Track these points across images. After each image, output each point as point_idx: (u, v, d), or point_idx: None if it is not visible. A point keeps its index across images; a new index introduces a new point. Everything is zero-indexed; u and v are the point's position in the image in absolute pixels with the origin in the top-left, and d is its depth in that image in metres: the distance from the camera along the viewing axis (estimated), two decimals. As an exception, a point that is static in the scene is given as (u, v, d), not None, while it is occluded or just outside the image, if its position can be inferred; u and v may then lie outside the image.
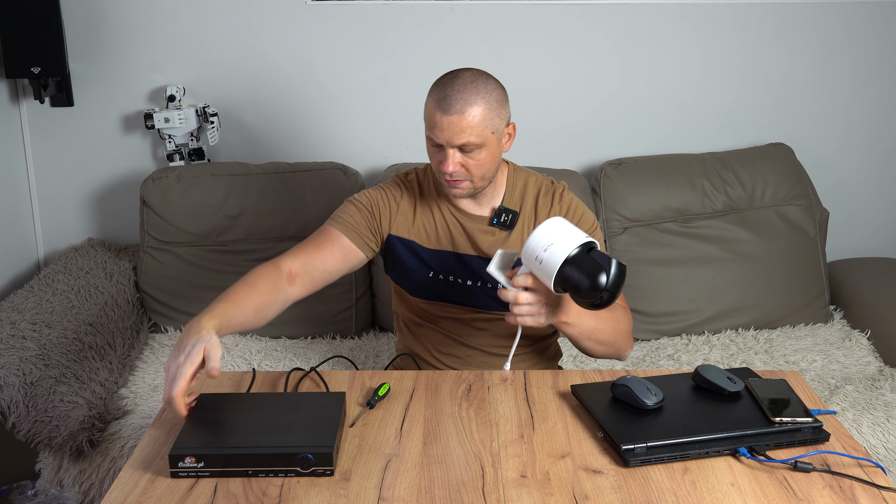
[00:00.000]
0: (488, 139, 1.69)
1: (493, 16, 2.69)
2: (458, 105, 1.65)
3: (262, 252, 2.56)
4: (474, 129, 1.66)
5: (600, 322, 1.70)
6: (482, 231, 1.83)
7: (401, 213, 1.84)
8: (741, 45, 2.76)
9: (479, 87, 1.68)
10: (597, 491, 1.27)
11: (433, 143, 1.71)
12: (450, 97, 1.66)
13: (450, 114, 1.65)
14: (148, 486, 1.29)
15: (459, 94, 1.66)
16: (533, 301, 1.56)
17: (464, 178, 1.72)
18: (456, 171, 1.70)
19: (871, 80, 2.82)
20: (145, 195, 2.55)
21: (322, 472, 1.30)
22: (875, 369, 2.40)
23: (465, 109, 1.65)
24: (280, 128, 2.78)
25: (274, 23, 2.68)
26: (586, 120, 2.80)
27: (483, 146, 1.69)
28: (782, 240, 2.63)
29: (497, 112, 1.70)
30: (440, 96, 1.67)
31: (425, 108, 1.72)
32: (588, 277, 1.44)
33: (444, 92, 1.68)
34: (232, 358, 2.40)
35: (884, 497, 1.26)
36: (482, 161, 1.71)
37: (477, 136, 1.67)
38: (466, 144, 1.67)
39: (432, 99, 1.69)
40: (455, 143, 1.67)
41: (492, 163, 1.73)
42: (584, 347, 1.74)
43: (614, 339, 1.75)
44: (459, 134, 1.66)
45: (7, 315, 2.23)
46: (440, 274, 1.85)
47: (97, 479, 2.01)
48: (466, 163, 1.70)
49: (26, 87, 2.68)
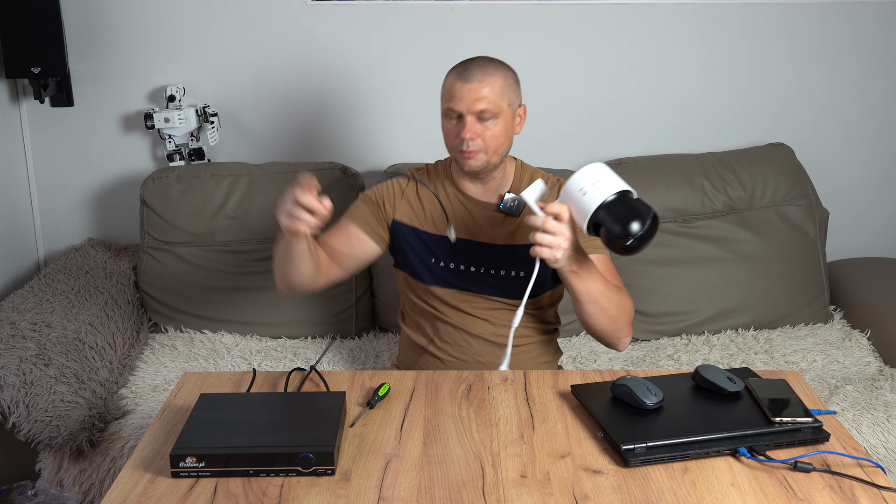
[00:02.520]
0: (504, 111, 1.79)
1: (493, 16, 2.69)
2: (479, 74, 1.78)
3: (262, 252, 2.56)
4: (493, 97, 1.77)
5: (607, 289, 1.72)
6: (488, 217, 1.88)
7: (405, 200, 1.93)
8: (741, 45, 2.76)
9: (497, 64, 1.82)
10: (597, 491, 1.27)
11: (450, 116, 1.80)
12: (470, 69, 1.79)
13: (471, 81, 1.77)
14: (148, 486, 1.29)
15: (480, 66, 1.79)
16: (557, 232, 1.57)
17: (480, 149, 1.79)
18: (474, 139, 1.77)
19: (872, 81, 2.82)
20: (145, 195, 2.55)
21: (323, 472, 1.30)
22: (875, 369, 2.40)
23: (485, 78, 1.77)
24: (280, 128, 2.78)
25: (274, 23, 2.68)
26: (586, 120, 2.80)
27: (499, 116, 1.79)
28: (782, 240, 2.63)
29: (512, 88, 1.83)
30: (461, 70, 1.80)
31: (444, 87, 1.83)
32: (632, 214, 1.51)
33: (464, 66, 1.80)
34: (232, 358, 2.40)
35: (884, 497, 1.26)
36: (497, 133, 1.79)
37: (495, 104, 1.77)
38: (485, 112, 1.77)
39: (452, 74, 1.81)
40: (475, 109, 1.76)
41: (506, 137, 1.82)
42: (586, 313, 1.73)
43: (617, 315, 1.76)
44: (479, 100, 1.76)
45: (7, 315, 2.23)
46: (441, 261, 1.90)
47: (97, 479, 2.01)
48: (483, 133, 1.78)
49: (26, 87, 2.68)
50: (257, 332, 2.56)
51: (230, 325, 2.56)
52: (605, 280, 1.72)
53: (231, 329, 2.56)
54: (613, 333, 1.80)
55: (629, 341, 1.86)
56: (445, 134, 1.83)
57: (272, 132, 2.78)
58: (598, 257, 1.84)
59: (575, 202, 1.56)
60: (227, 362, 2.38)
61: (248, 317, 2.56)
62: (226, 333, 2.55)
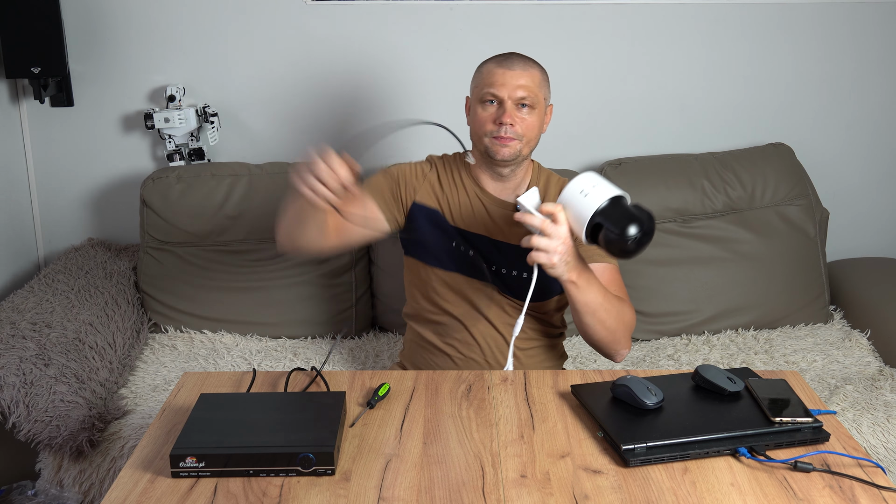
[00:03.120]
0: (540, 102, 1.82)
1: (493, 16, 2.69)
2: (521, 63, 1.81)
3: (262, 252, 2.56)
4: (533, 86, 1.79)
5: (606, 300, 1.72)
6: (505, 216, 1.87)
7: (427, 182, 1.92)
8: (741, 45, 2.76)
9: (534, 60, 1.85)
10: (597, 491, 1.27)
11: (488, 100, 1.80)
12: (511, 58, 1.81)
13: (513, 69, 1.79)
14: (148, 486, 1.29)
15: (520, 58, 1.82)
16: (553, 234, 1.57)
17: (516, 136, 1.79)
18: (513, 125, 1.78)
19: (872, 81, 2.82)
20: (145, 195, 2.55)
21: (323, 472, 1.30)
22: (875, 369, 2.40)
23: (528, 68, 1.81)
24: (280, 128, 2.78)
25: (274, 23, 2.68)
26: (586, 120, 2.80)
27: (536, 108, 1.81)
28: (782, 240, 2.63)
29: (547, 84, 1.86)
30: (501, 59, 1.82)
31: (479, 74, 1.84)
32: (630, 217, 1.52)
33: (504, 56, 1.83)
34: (232, 358, 2.40)
35: (884, 497, 1.26)
36: (533, 123, 1.81)
37: (534, 94, 1.79)
38: (525, 99, 1.78)
39: (492, 63, 1.82)
40: (516, 96, 1.78)
41: (538, 130, 1.84)
42: (584, 323, 1.73)
43: (616, 326, 1.75)
44: (521, 87, 1.78)
45: (7, 315, 2.23)
46: (461, 246, 1.88)
47: (97, 479, 2.01)
48: (522, 121, 1.79)
49: (26, 87, 2.68)
50: (257, 332, 2.56)
51: (230, 325, 2.56)
52: (604, 292, 1.71)
53: (231, 329, 2.56)
54: (611, 345, 1.79)
55: (627, 353, 1.84)
56: (479, 121, 1.82)
57: (272, 132, 2.78)
58: (606, 266, 1.84)
59: (572, 207, 1.56)
60: (227, 362, 2.38)
61: (248, 317, 2.56)
62: (226, 333, 2.55)
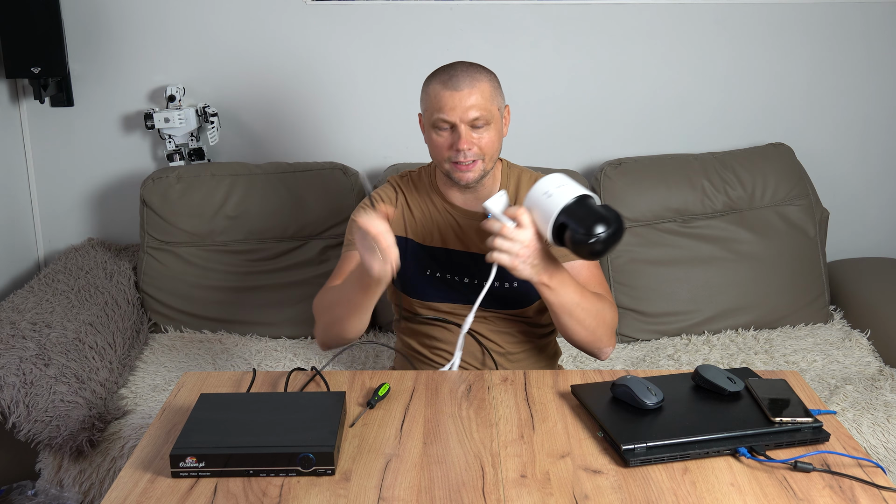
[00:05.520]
0: (495, 116, 1.75)
1: (493, 16, 2.69)
2: (467, 81, 1.71)
3: (262, 252, 2.56)
4: (484, 103, 1.72)
5: (583, 300, 1.68)
6: (478, 228, 1.81)
7: (397, 213, 1.85)
8: (741, 45, 2.76)
9: (479, 68, 1.76)
10: (597, 491, 1.27)
11: (441, 127, 1.73)
12: (457, 77, 1.72)
13: (460, 90, 1.71)
14: (148, 486, 1.29)
15: (465, 73, 1.73)
16: (516, 238, 1.55)
17: (477, 157, 1.74)
18: (471, 149, 1.72)
19: (872, 80, 2.82)
20: (145, 195, 2.55)
21: (323, 472, 1.30)
22: (875, 369, 2.40)
23: (475, 84, 1.72)
24: (280, 128, 2.78)
25: (274, 23, 2.68)
26: (586, 120, 2.80)
27: (491, 123, 1.74)
28: (782, 240, 2.63)
29: (498, 90, 1.78)
30: (445, 78, 1.73)
31: (427, 96, 1.76)
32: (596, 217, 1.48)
33: (448, 74, 1.73)
34: (232, 358, 2.40)
35: (884, 497, 1.26)
36: (492, 139, 1.75)
37: (486, 110, 1.72)
38: (478, 119, 1.71)
39: (437, 83, 1.74)
40: (468, 119, 1.71)
41: (498, 142, 1.78)
42: (563, 323, 1.71)
43: (595, 326, 1.72)
44: (471, 108, 1.71)
45: (7, 315, 2.23)
46: (437, 272, 1.85)
47: (97, 479, 2.01)
48: (479, 141, 1.73)
49: (26, 87, 2.68)
50: (257, 332, 2.56)
51: (230, 325, 2.56)
52: (581, 291, 1.69)
53: (231, 329, 2.56)
54: (593, 344, 1.76)
55: (611, 351, 1.81)
56: (435, 147, 1.76)
57: (272, 132, 2.78)
58: (584, 264, 1.80)
59: (539, 208, 1.54)
60: (227, 362, 2.38)
61: (248, 317, 2.56)
62: (226, 333, 2.55)
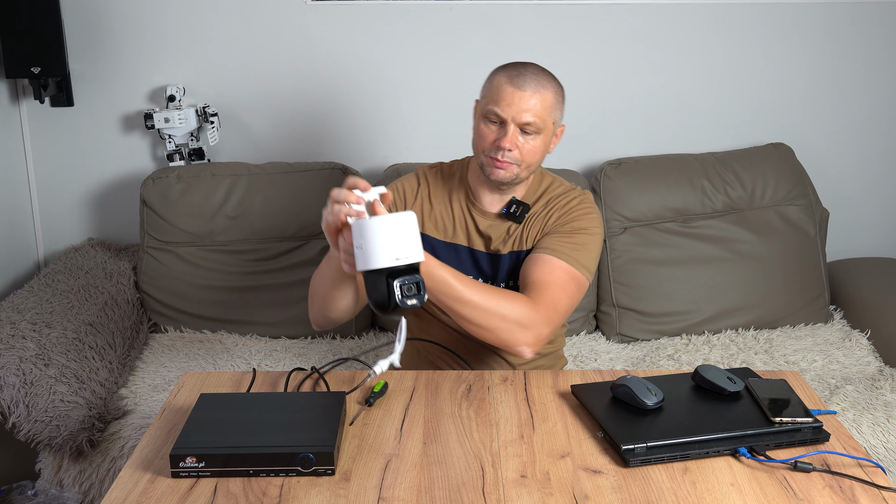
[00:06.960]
0: (547, 128, 1.71)
1: (493, 15, 2.69)
2: (533, 84, 1.68)
3: (262, 252, 2.56)
4: (541, 111, 1.68)
5: (459, 282, 1.58)
6: (493, 226, 1.80)
7: (419, 201, 1.84)
8: (741, 45, 2.76)
9: (551, 77, 1.72)
10: (597, 491, 1.27)
11: (492, 120, 1.70)
12: (524, 76, 1.68)
13: (524, 89, 1.67)
14: (148, 486, 1.29)
15: (534, 76, 1.69)
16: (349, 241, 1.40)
17: (514, 162, 1.70)
18: (511, 151, 1.69)
19: (872, 80, 2.82)
20: (145, 195, 2.55)
21: (323, 472, 1.30)
22: (875, 369, 2.40)
23: (539, 90, 1.68)
24: (280, 128, 2.78)
25: (274, 23, 2.68)
26: (586, 120, 2.80)
27: (541, 133, 1.70)
28: (782, 240, 2.63)
29: (560, 105, 1.74)
30: (514, 73, 1.69)
31: (490, 85, 1.72)
32: (380, 297, 1.37)
33: (518, 70, 1.69)
34: (232, 358, 2.40)
35: (884, 497, 1.26)
36: (535, 148, 1.71)
37: (541, 119, 1.69)
38: (530, 125, 1.68)
39: (504, 76, 1.70)
40: (520, 121, 1.68)
41: (540, 154, 1.74)
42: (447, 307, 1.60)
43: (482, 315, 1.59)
44: (527, 111, 1.67)
45: (7, 315, 2.23)
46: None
47: (97, 479, 2.01)
48: (522, 146, 1.70)
49: (26, 87, 2.68)
50: (257, 332, 2.56)
51: (230, 325, 2.56)
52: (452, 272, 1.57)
53: (231, 329, 2.56)
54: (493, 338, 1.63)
55: (535, 349, 1.65)
56: (479, 136, 1.72)
57: (272, 132, 2.78)
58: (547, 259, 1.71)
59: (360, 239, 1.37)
60: (227, 362, 2.38)
61: (248, 317, 2.56)
62: (226, 333, 2.55)
